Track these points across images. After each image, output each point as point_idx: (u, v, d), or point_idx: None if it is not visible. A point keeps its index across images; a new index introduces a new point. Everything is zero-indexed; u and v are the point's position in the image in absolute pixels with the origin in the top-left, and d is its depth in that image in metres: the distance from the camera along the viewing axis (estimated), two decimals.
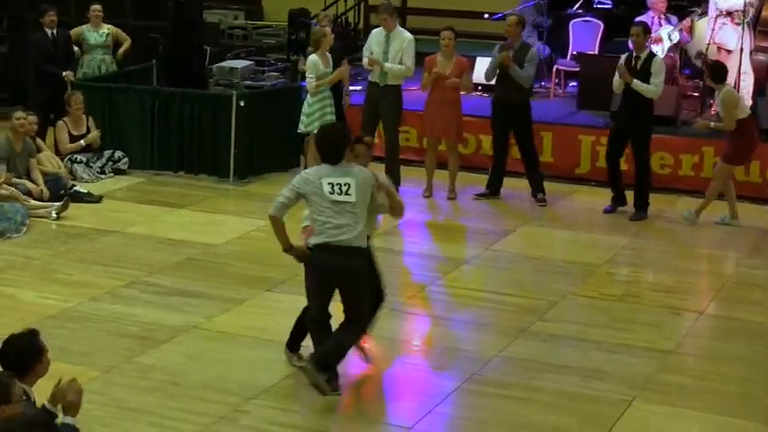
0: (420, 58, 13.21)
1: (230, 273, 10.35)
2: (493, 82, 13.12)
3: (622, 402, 7.83)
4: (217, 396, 7.71)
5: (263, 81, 14.38)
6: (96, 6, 14.72)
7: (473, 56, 15.23)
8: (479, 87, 15.28)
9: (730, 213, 12.40)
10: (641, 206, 12.60)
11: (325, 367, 7.57)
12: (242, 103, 13.43)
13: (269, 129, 13.65)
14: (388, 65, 12.73)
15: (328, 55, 12.92)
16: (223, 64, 14.59)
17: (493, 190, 13.15)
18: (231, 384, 7.90)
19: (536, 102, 15.75)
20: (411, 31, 13.25)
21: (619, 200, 12.77)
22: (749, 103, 14.19)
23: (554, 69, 16.36)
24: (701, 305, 9.93)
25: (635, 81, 12.22)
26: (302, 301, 9.53)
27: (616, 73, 12.47)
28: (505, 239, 11.68)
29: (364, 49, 13.09)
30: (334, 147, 7.74)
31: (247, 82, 14.17)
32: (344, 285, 7.70)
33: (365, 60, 12.97)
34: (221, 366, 8.23)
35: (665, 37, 15.13)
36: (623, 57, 12.57)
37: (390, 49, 12.82)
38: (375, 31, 13.23)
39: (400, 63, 12.74)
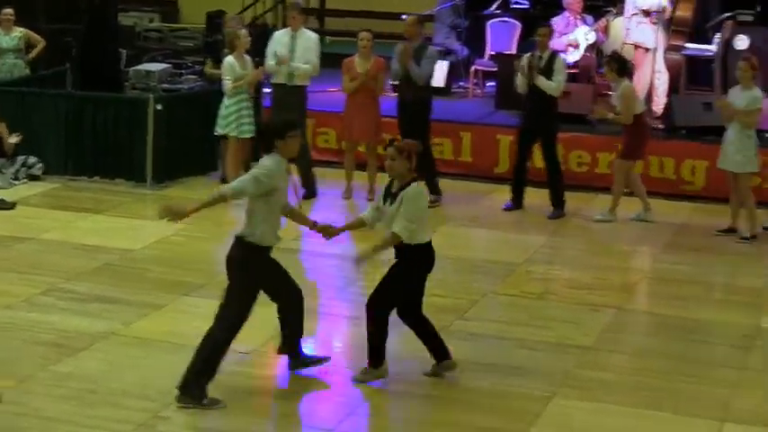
0: (339, 59, 13.21)
1: (148, 278, 10.25)
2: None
3: (543, 398, 7.87)
4: (135, 402, 7.62)
5: (180, 84, 14.27)
6: (8, 10, 14.52)
7: (391, 57, 15.22)
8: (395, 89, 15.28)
9: (643, 208, 12.55)
10: (558, 204, 12.69)
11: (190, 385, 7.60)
12: (159, 107, 13.30)
13: (186, 132, 13.54)
14: (294, 64, 12.73)
15: (246, 57, 12.86)
16: (139, 67, 14.46)
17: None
18: (150, 390, 7.81)
19: (455, 102, 15.90)
20: (329, 33, 13.27)
21: (518, 200, 12.90)
22: (664, 100, 14.41)
23: (472, 70, 16.45)
24: (618, 301, 10.02)
25: (540, 78, 12.36)
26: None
27: (518, 73, 12.60)
28: None
29: (267, 51, 13.02)
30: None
31: (164, 85, 14.05)
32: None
33: (271, 63, 12.91)
34: (140, 372, 8.14)
35: (581, 37, 15.28)
36: (524, 57, 12.72)
37: (297, 48, 12.84)
38: (277, 33, 13.26)
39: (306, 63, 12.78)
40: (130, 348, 8.61)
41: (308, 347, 8.43)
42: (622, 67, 12.45)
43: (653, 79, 14.43)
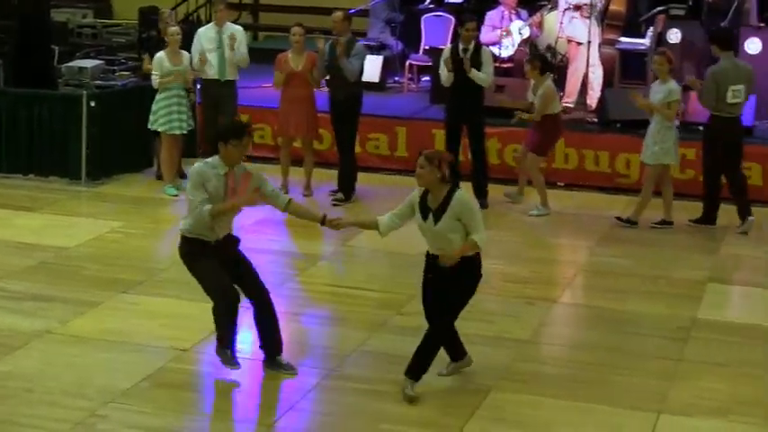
0: (273, 54, 13.18)
1: (84, 276, 10.17)
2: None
3: (481, 392, 7.92)
4: (73, 401, 7.57)
5: (114, 81, 14.15)
6: None
7: None
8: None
9: (541, 202, 12.69)
10: (483, 195, 12.76)
11: None
12: (92, 104, 13.21)
13: (121, 129, 13.45)
14: (237, 48, 12.85)
15: (183, 52, 12.81)
16: (72, 63, 14.29)
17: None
18: (88, 389, 7.76)
19: (390, 97, 15.93)
20: (263, 29, 13.28)
21: None
22: (598, 94, 14.54)
23: (407, 64, 16.48)
24: (555, 294, 10.10)
25: (473, 71, 12.42)
26: (160, 303, 9.47)
27: (442, 67, 12.63)
28: (362, 235, 11.68)
29: (192, 49, 13.00)
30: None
31: (98, 82, 13.91)
32: None
33: (195, 60, 12.88)
34: (77, 371, 8.08)
35: (514, 32, 15.36)
36: (446, 50, 12.81)
37: (223, 43, 12.96)
38: (201, 29, 13.25)
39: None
40: (67, 347, 8.54)
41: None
42: (545, 66, 12.61)
43: (587, 73, 14.55)
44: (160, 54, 12.70)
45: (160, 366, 8.17)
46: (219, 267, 7.91)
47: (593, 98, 14.66)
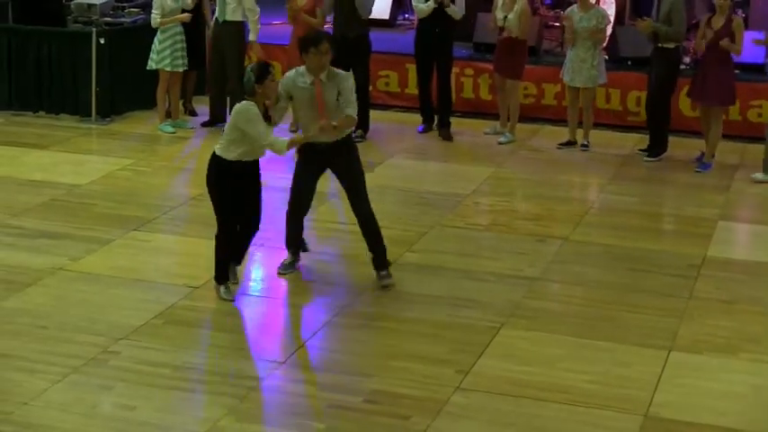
0: None
1: (96, 213, 10.19)
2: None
3: (491, 329, 7.95)
4: (85, 338, 7.61)
5: (123, 17, 14.07)
6: None
7: None
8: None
9: (511, 128, 13.01)
10: (445, 125, 13.16)
11: None
12: (102, 41, 13.16)
13: (130, 66, 13.40)
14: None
15: None
16: (81, 0, 14.22)
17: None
18: (99, 325, 7.80)
19: (398, 34, 15.86)
20: None
21: (429, 120, 13.30)
22: (609, 31, 14.42)
23: None
24: (565, 232, 10.09)
25: (450, 5, 12.66)
26: (172, 240, 9.50)
27: None
28: (373, 172, 11.69)
29: None
30: None
31: (107, 19, 13.84)
32: None
33: None
34: (89, 308, 8.12)
35: None
36: None
37: None
38: None
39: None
40: (79, 284, 8.58)
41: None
42: None
43: None
44: None
45: (172, 303, 8.20)
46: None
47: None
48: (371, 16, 12.98)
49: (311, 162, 8.65)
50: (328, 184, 11.29)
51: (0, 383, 6.99)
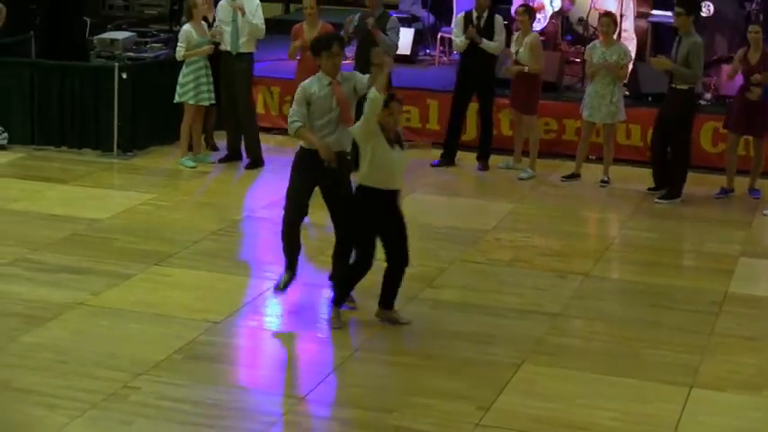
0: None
1: (117, 247, 10.21)
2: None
3: (512, 365, 7.92)
4: (106, 373, 7.61)
5: (146, 53, 14.14)
6: None
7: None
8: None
9: (531, 164, 13.02)
10: (484, 157, 13.24)
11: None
12: (124, 76, 13.23)
13: (152, 101, 13.46)
14: (248, 18, 12.67)
15: (203, 24, 12.81)
16: (104, 35, 14.29)
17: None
18: (120, 360, 7.81)
19: (421, 70, 15.89)
20: (295, 0, 13.13)
21: (449, 156, 13.35)
22: (630, 67, 14.41)
23: (438, 37, 16.41)
24: (586, 268, 10.07)
25: (483, 40, 12.77)
26: (192, 275, 9.51)
27: (455, 32, 13.03)
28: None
29: (215, 23, 12.97)
30: None
31: (129, 54, 13.91)
32: None
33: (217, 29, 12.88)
34: (109, 342, 8.13)
35: (546, 4, 15.27)
36: (460, 17, 13.12)
37: (238, 16, 12.75)
38: (222, 2, 13.04)
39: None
40: (99, 318, 8.59)
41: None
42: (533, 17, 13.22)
43: None
44: (187, 26, 12.69)
45: (192, 339, 8.20)
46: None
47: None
48: None
49: (309, 172, 8.64)
50: None
51: (21, 418, 7.00)
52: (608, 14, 12.96)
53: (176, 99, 12.84)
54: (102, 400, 7.22)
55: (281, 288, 8.89)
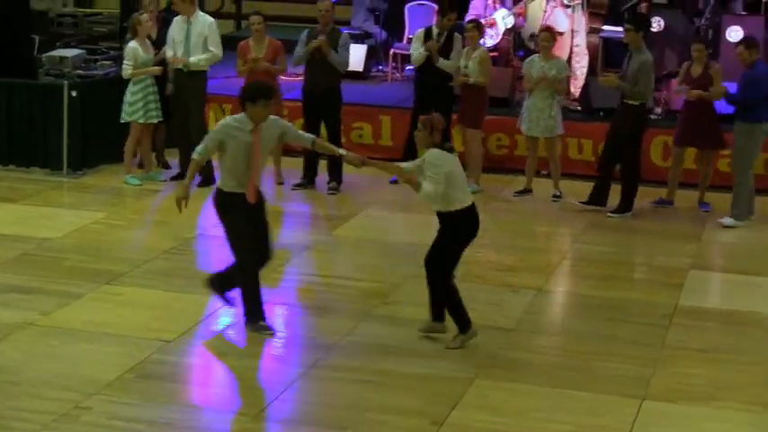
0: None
1: (67, 267, 10.13)
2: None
3: (465, 381, 7.93)
4: (57, 393, 7.54)
5: (96, 70, 14.07)
6: None
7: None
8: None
9: (476, 178, 12.96)
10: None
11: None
12: (74, 93, 13.14)
13: (102, 119, 13.37)
14: (193, 59, 12.57)
15: (148, 42, 12.75)
16: (53, 53, 14.20)
17: (310, 178, 13.12)
18: (71, 380, 7.74)
19: (374, 86, 15.90)
20: (245, 17, 13.08)
21: None
22: (582, 83, 14.52)
23: (391, 53, 16.44)
24: (539, 282, 10.10)
25: (440, 60, 12.77)
26: (144, 294, 9.44)
27: (414, 45, 12.98)
28: (348, 225, 11.72)
29: (168, 37, 12.88)
30: None
31: (79, 71, 13.83)
32: None
33: (169, 54, 12.78)
34: (60, 363, 8.06)
35: (499, 21, 15.34)
36: (421, 32, 13.06)
37: (191, 34, 12.66)
38: (177, 18, 12.97)
39: (204, 50, 12.62)
40: (50, 338, 8.51)
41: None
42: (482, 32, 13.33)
43: (571, 61, 14.54)
44: (133, 44, 12.63)
45: (145, 358, 8.15)
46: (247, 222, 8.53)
47: (576, 86, 14.65)
48: None
49: (243, 211, 8.58)
50: (303, 236, 11.31)
51: None
52: (547, 29, 13.08)
53: (124, 118, 12.78)
54: (54, 421, 7.15)
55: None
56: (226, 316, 9.02)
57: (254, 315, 8.65)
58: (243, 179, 8.49)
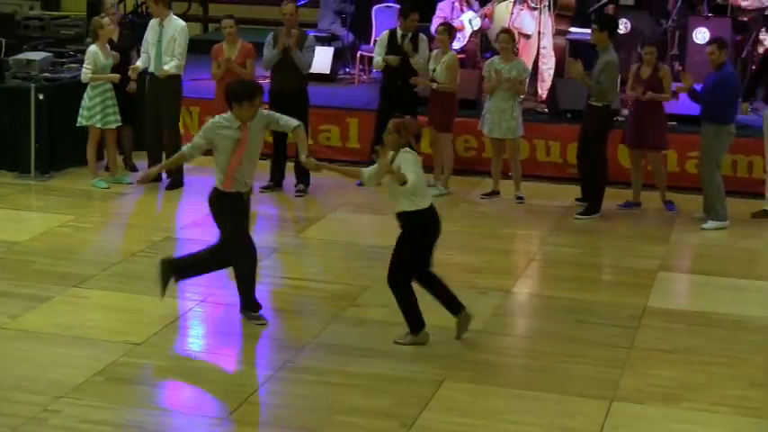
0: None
1: (35, 270, 10.09)
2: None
3: (434, 382, 7.94)
4: (25, 396, 7.51)
5: (63, 73, 14.01)
6: None
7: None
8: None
9: (444, 182, 13.08)
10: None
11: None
12: (41, 96, 13.10)
13: (70, 122, 13.29)
14: (165, 68, 12.61)
15: (107, 46, 12.72)
16: (20, 56, 14.12)
17: (278, 182, 13.13)
18: (40, 384, 7.71)
19: (341, 88, 15.91)
20: (214, 20, 13.08)
21: None
22: (549, 84, 14.58)
23: (358, 55, 16.46)
24: (507, 284, 10.13)
25: (414, 58, 12.81)
26: (112, 297, 9.41)
27: (377, 50, 13.08)
28: (315, 227, 11.72)
29: (144, 40, 12.91)
30: None
31: (46, 74, 13.77)
32: None
33: (138, 63, 12.84)
34: (29, 366, 8.02)
35: (465, 23, 15.38)
36: (384, 35, 13.16)
37: (163, 38, 12.69)
38: (152, 20, 12.97)
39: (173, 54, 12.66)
40: (18, 342, 8.47)
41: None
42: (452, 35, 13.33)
43: (538, 63, 14.60)
44: (93, 48, 12.59)
45: (113, 360, 8.12)
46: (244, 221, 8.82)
47: (543, 88, 14.72)
48: (312, 71, 13.07)
49: (242, 211, 8.79)
50: (271, 238, 11.30)
51: None
52: (506, 31, 13.14)
53: (81, 122, 12.74)
54: (22, 425, 7.12)
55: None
56: (194, 319, 9.01)
57: (254, 307, 8.94)
58: (240, 176, 8.69)
